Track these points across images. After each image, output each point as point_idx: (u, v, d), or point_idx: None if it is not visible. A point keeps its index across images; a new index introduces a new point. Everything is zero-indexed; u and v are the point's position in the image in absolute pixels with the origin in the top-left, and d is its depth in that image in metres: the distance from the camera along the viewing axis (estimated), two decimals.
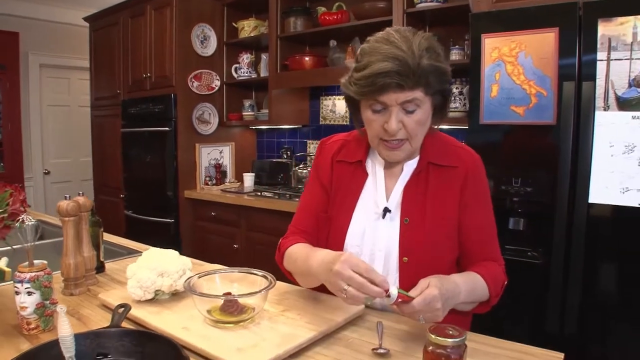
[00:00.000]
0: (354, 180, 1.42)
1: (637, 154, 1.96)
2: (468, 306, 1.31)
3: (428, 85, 1.20)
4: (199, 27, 4.10)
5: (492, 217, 1.40)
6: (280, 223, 3.34)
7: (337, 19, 3.53)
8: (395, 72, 1.15)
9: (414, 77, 1.16)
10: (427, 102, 1.23)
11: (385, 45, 1.18)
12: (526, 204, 2.23)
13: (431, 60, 1.17)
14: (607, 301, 2.09)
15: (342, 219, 1.40)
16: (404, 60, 1.14)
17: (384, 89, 1.17)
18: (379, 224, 1.36)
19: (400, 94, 1.18)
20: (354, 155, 1.44)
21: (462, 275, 1.28)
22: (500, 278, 1.34)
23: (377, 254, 1.36)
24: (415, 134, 1.25)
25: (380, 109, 1.23)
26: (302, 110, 4.17)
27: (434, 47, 1.20)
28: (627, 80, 1.96)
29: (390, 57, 1.15)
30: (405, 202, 1.34)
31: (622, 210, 2.01)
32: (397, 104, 1.20)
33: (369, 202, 1.39)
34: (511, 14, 2.22)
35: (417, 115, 1.22)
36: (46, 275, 1.23)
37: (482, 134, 2.32)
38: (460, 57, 3.04)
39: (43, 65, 5.45)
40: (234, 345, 1.09)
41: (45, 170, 5.59)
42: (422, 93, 1.20)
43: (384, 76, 1.15)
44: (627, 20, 1.93)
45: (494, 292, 1.30)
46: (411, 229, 1.32)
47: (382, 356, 1.09)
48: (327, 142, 1.52)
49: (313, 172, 1.53)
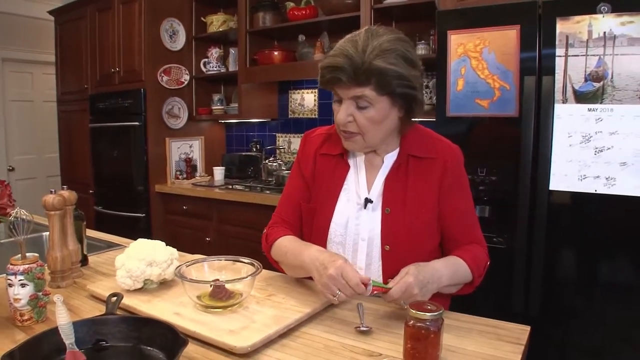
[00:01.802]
0: (336, 172, 1.49)
1: (593, 144, 2.08)
2: (452, 288, 1.39)
3: (379, 85, 1.25)
4: (168, 21, 4.09)
5: (472, 203, 1.49)
6: (252, 215, 3.41)
7: (306, 14, 3.58)
8: (340, 69, 1.24)
9: (361, 76, 1.23)
10: (381, 101, 1.28)
11: (347, 42, 1.28)
12: (491, 192, 2.33)
13: (384, 63, 1.23)
14: (568, 282, 2.21)
15: (326, 209, 1.47)
16: (352, 58, 1.23)
17: (332, 82, 1.28)
18: (361, 214, 1.43)
19: (348, 90, 1.27)
20: (335, 148, 1.50)
21: (443, 260, 1.36)
22: (483, 259, 1.42)
23: (360, 242, 1.43)
24: (367, 130, 1.32)
25: (337, 99, 1.33)
26: (270, 104, 4.21)
27: (395, 50, 1.25)
28: (584, 75, 2.07)
29: (342, 54, 1.25)
30: (387, 193, 1.41)
31: (580, 197, 2.13)
32: (347, 97, 1.29)
33: (352, 193, 1.46)
34: (475, 12, 2.32)
35: (369, 112, 1.29)
36: (39, 268, 1.26)
37: (448, 126, 2.41)
38: (426, 52, 3.14)
39: (6, 60, 5.33)
40: (225, 327, 1.15)
41: (10, 167, 5.48)
42: (372, 92, 1.26)
43: (332, 70, 1.26)
44: (583, 19, 2.04)
45: (477, 273, 1.37)
46: (392, 218, 1.39)
47: (365, 333, 1.17)
48: (310, 135, 1.59)
49: (296, 164, 1.59)
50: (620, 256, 2.10)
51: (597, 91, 2.05)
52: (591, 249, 2.15)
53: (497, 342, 1.13)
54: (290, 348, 1.12)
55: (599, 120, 2.06)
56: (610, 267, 2.12)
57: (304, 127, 4.08)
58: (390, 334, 1.16)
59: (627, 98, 2.00)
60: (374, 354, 1.08)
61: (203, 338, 1.12)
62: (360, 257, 1.42)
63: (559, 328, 2.24)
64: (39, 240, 2.13)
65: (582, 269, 2.19)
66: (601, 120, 2.05)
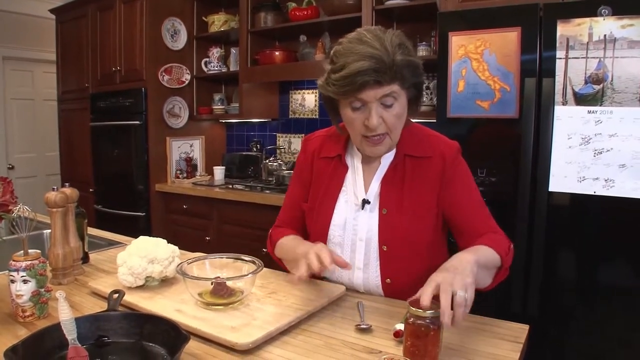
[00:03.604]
0: (335, 174, 1.50)
1: (593, 146, 2.09)
2: (487, 277, 1.30)
3: (403, 79, 1.26)
4: (169, 20, 4.10)
5: (478, 194, 1.45)
6: (252, 215, 3.42)
7: (307, 15, 3.59)
8: (372, 70, 1.21)
9: (390, 73, 1.22)
10: (403, 95, 1.30)
11: (359, 45, 1.24)
12: (491, 193, 2.33)
13: (404, 55, 1.24)
14: (566, 283, 2.22)
15: (325, 210, 1.48)
16: (380, 57, 1.21)
17: (363, 87, 1.23)
18: (359, 215, 1.44)
19: (379, 89, 1.24)
20: (334, 150, 1.51)
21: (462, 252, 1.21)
22: (504, 242, 1.34)
23: (358, 243, 1.44)
24: (394, 127, 1.32)
25: (359, 106, 1.29)
26: (271, 104, 4.22)
27: (404, 43, 1.27)
28: (584, 77, 2.09)
29: (367, 55, 1.21)
30: (384, 194, 1.42)
31: (579, 198, 2.14)
32: (375, 100, 1.26)
33: (350, 194, 1.47)
34: (477, 14, 2.33)
35: (395, 109, 1.29)
36: (41, 264, 1.27)
37: (449, 127, 2.41)
38: (427, 53, 3.15)
39: (6, 58, 5.34)
40: (227, 324, 1.16)
41: (10, 165, 5.48)
42: (398, 87, 1.26)
43: (363, 74, 1.21)
44: (584, 22, 2.05)
45: (503, 253, 1.29)
46: (389, 219, 1.40)
47: (365, 331, 1.18)
48: (309, 139, 1.60)
49: (296, 168, 1.61)
50: (618, 258, 2.11)
51: (597, 93, 2.06)
52: (590, 251, 2.16)
53: (496, 340, 1.14)
54: (291, 345, 1.12)
55: (598, 122, 2.07)
56: (608, 269, 2.13)
57: (304, 128, 4.09)
58: (391, 331, 1.17)
59: (626, 100, 2.01)
60: (374, 351, 1.09)
61: (204, 335, 1.13)
62: (359, 258, 1.43)
63: (558, 329, 2.25)
64: (40, 238, 2.14)
65: (580, 271, 2.20)
66: (601, 123, 2.06)
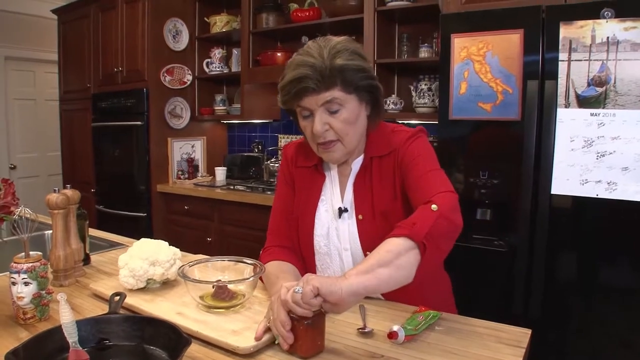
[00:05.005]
0: (313, 184, 1.49)
1: (595, 149, 2.08)
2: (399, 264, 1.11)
3: (345, 83, 1.27)
4: (171, 21, 4.10)
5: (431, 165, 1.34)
6: (254, 216, 3.42)
7: (309, 16, 3.59)
8: (306, 77, 1.24)
9: (325, 78, 1.24)
10: (351, 100, 1.29)
11: (299, 56, 1.29)
12: (493, 196, 2.34)
13: (343, 60, 1.25)
14: (568, 286, 2.21)
15: (308, 221, 1.47)
16: (314, 64, 1.24)
17: (301, 94, 1.26)
18: (339, 224, 1.43)
19: (318, 96, 1.26)
20: (310, 160, 1.50)
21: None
22: (428, 217, 1.16)
23: (343, 252, 1.43)
24: (345, 134, 1.31)
25: (307, 114, 1.31)
26: (273, 105, 4.20)
27: (348, 49, 1.28)
28: (586, 80, 2.08)
29: (302, 64, 1.25)
30: (357, 200, 1.42)
31: (581, 201, 2.14)
32: (318, 106, 1.27)
33: (329, 203, 1.47)
34: (479, 16, 2.33)
35: (343, 114, 1.29)
36: (42, 266, 1.26)
37: (451, 129, 2.41)
38: (429, 55, 3.14)
39: (8, 58, 5.34)
40: (228, 328, 1.15)
41: (12, 165, 5.48)
42: (341, 92, 1.27)
43: (298, 82, 1.25)
44: (587, 24, 2.05)
45: (418, 235, 1.12)
46: (366, 224, 1.39)
47: (367, 335, 1.17)
48: (287, 146, 1.61)
49: (280, 174, 1.60)
50: (620, 261, 2.11)
51: (600, 96, 2.06)
52: (592, 253, 2.16)
53: (498, 345, 1.14)
54: None
55: (601, 125, 2.06)
56: (610, 272, 2.13)
57: None
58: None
59: (629, 103, 2.01)
60: (376, 355, 1.08)
61: (206, 338, 1.13)
62: (348, 267, 1.41)
63: (560, 331, 2.24)
64: (41, 239, 2.14)
65: (582, 273, 2.19)
66: (603, 125, 2.06)
